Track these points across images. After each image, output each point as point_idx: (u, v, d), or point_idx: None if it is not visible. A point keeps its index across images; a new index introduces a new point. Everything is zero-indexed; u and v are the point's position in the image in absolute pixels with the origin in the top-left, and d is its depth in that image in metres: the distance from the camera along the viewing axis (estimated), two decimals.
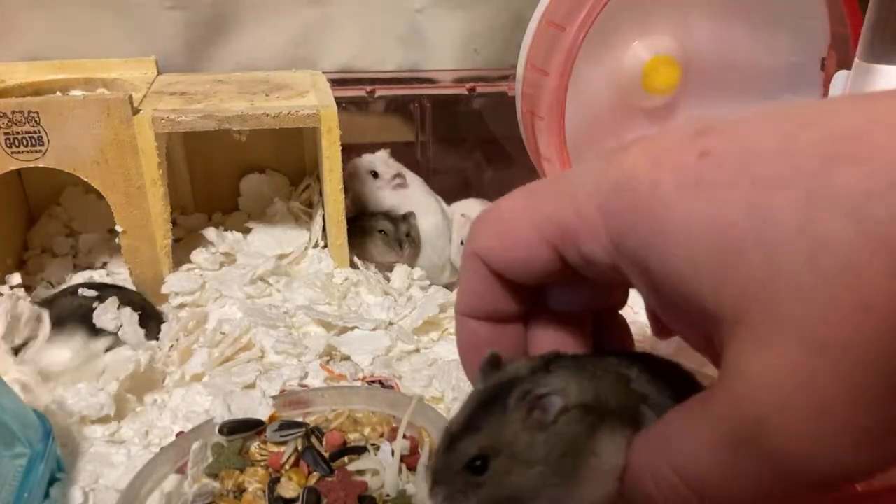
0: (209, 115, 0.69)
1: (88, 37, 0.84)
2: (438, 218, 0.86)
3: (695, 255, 0.25)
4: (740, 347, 0.24)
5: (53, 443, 0.50)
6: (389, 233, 0.81)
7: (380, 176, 0.86)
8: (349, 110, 0.90)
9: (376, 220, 0.83)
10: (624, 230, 0.27)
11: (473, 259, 0.34)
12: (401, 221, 0.83)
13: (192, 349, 0.64)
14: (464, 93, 0.92)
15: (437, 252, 0.85)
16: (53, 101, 0.67)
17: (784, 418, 0.23)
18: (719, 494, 0.26)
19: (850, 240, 0.21)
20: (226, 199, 0.90)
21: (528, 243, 0.31)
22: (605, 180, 0.29)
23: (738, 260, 0.23)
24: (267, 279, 0.74)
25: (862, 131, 0.22)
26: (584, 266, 0.31)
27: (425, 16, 0.90)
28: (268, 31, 0.88)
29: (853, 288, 0.21)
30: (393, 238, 0.81)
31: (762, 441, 0.23)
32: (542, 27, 0.75)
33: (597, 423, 0.31)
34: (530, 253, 0.32)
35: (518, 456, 0.31)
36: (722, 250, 0.24)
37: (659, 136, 0.28)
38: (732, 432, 0.24)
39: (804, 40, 0.78)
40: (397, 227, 0.82)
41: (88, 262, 0.80)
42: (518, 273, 0.33)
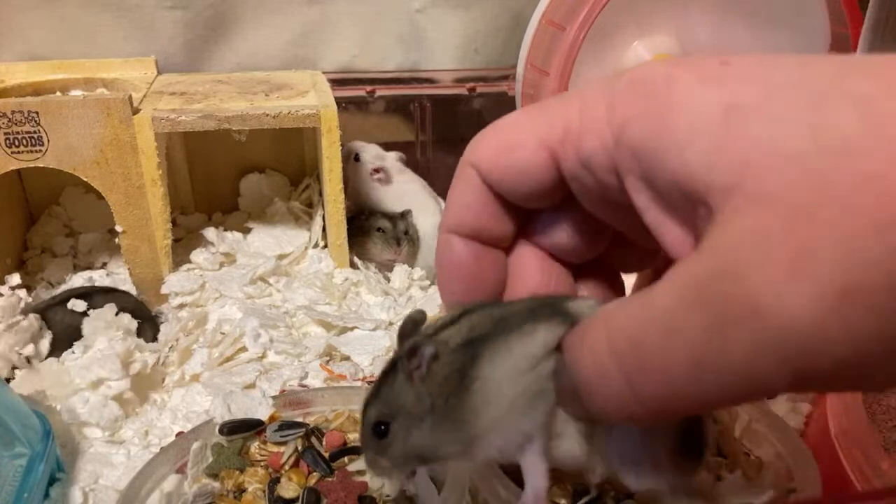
0: (209, 115, 0.69)
1: (88, 37, 0.84)
2: (437, 218, 0.86)
3: (696, 124, 0.25)
4: (727, 211, 0.23)
5: (53, 443, 0.50)
6: (388, 231, 0.81)
7: (361, 162, 0.86)
8: (349, 110, 0.90)
9: (375, 218, 0.83)
10: (629, 118, 0.27)
11: (468, 170, 0.33)
12: (399, 219, 0.83)
13: (191, 349, 0.64)
14: (464, 93, 0.92)
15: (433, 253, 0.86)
16: (53, 101, 0.67)
17: (765, 273, 0.22)
18: (659, 364, 0.24)
19: (852, 126, 0.22)
20: (226, 199, 0.90)
21: (526, 149, 0.31)
22: (619, 81, 0.28)
23: (741, 129, 0.24)
24: (267, 279, 0.74)
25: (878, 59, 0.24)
26: (579, 174, 0.30)
27: (425, 16, 0.90)
28: (268, 31, 0.88)
29: (847, 166, 0.22)
30: (391, 236, 0.81)
31: (736, 300, 0.22)
32: (542, 27, 0.75)
33: (478, 351, 0.31)
34: (527, 159, 0.31)
35: (410, 413, 0.32)
36: (725, 121, 0.24)
37: (679, 58, 0.28)
38: (702, 289, 0.23)
39: (804, 40, 0.78)
40: (395, 225, 0.82)
41: (88, 261, 0.81)
42: (512, 184, 0.32)
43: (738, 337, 0.22)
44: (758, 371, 0.22)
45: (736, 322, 0.22)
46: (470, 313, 0.33)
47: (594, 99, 0.29)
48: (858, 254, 0.21)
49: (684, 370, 0.24)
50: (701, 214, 0.25)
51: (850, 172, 0.21)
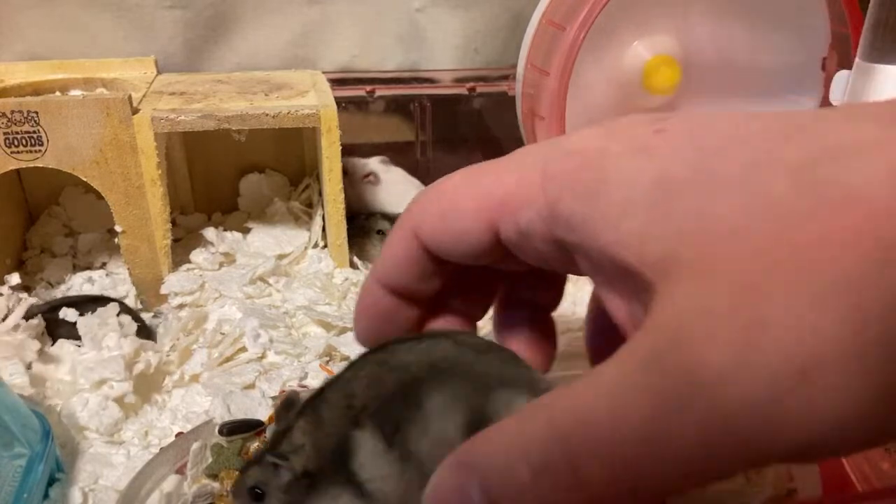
0: (209, 115, 0.69)
1: (88, 36, 0.84)
2: None
3: (628, 198, 0.24)
4: (667, 286, 0.22)
5: (52, 443, 0.50)
6: (387, 233, 0.81)
7: (349, 174, 0.86)
8: (349, 110, 0.90)
9: (374, 220, 0.83)
10: (562, 191, 0.27)
11: (405, 230, 0.34)
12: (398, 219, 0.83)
13: (191, 349, 0.64)
14: (464, 93, 0.92)
15: None
16: (53, 100, 0.67)
17: (714, 351, 0.20)
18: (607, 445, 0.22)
19: (785, 193, 0.22)
20: (225, 199, 0.89)
21: (465, 216, 0.31)
22: (554, 150, 0.29)
23: (673, 201, 0.23)
24: (267, 279, 0.74)
25: (813, 118, 0.24)
26: (518, 241, 0.30)
27: (425, 15, 0.90)
28: (268, 31, 0.88)
29: (785, 234, 0.21)
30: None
31: (684, 380, 0.21)
32: (543, 27, 0.75)
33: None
34: (466, 226, 0.31)
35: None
36: (656, 193, 0.24)
37: (617, 120, 0.29)
38: (648, 369, 0.22)
39: (804, 40, 0.78)
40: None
41: (88, 262, 0.80)
42: (450, 248, 0.32)
43: (689, 419, 0.21)
44: (713, 452, 0.21)
45: (686, 402, 0.21)
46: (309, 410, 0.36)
47: (530, 168, 0.29)
48: (809, 327, 0.20)
49: (634, 450, 0.22)
50: (640, 289, 0.24)
51: (788, 241, 0.21)
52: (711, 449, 0.21)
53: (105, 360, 0.59)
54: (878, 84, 0.61)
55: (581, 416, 0.23)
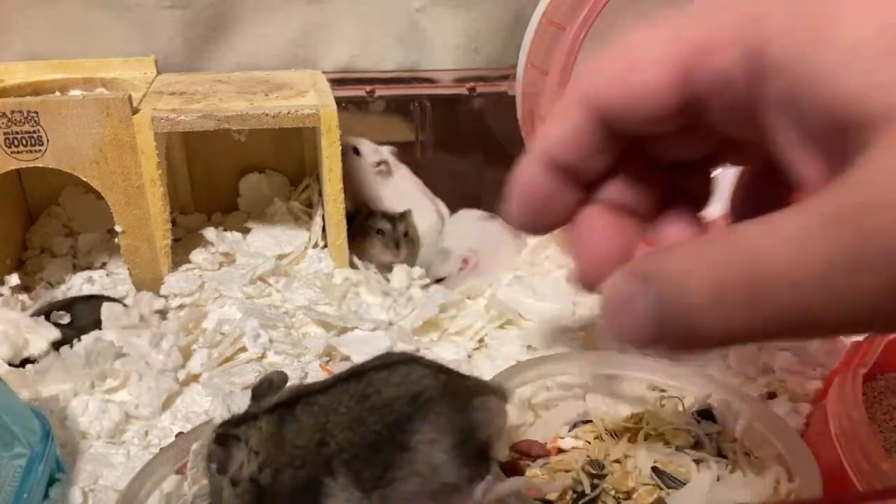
0: (209, 115, 0.69)
1: (88, 36, 0.84)
2: (433, 218, 0.87)
3: (862, 43, 0.22)
4: (886, 142, 0.21)
5: (53, 443, 0.50)
6: (387, 233, 0.82)
7: (362, 156, 0.86)
8: (349, 110, 0.90)
9: (374, 219, 0.83)
10: (779, 31, 0.25)
11: (576, 100, 0.31)
12: (398, 220, 0.83)
13: (191, 349, 0.64)
14: (464, 93, 0.92)
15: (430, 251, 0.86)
16: (53, 100, 0.67)
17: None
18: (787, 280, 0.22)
19: None
20: (225, 199, 0.90)
21: (651, 68, 0.28)
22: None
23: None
24: (266, 279, 0.74)
25: None
26: (708, 93, 0.28)
27: (425, 15, 0.90)
28: (267, 31, 0.88)
29: None
30: (391, 239, 0.81)
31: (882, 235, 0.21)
32: (543, 27, 0.75)
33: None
34: (651, 79, 0.28)
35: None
36: (892, 41, 0.22)
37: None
38: (844, 219, 0.21)
39: None
40: (395, 226, 0.82)
41: (88, 262, 0.80)
42: (630, 112, 0.29)
43: (875, 274, 0.21)
44: (885, 308, 0.21)
45: (876, 257, 0.21)
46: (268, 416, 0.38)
47: (733, 8, 0.26)
48: None
49: (811, 296, 0.22)
50: (851, 143, 0.23)
51: None
52: (885, 304, 0.21)
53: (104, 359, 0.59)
54: None
55: (762, 255, 0.23)
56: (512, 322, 0.71)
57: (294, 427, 0.37)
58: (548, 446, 0.52)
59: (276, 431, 0.37)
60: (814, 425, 0.56)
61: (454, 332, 0.70)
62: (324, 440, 0.37)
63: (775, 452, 0.49)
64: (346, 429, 0.37)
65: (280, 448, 0.37)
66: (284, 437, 0.37)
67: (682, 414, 0.53)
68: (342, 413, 0.37)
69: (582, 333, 0.69)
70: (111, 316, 0.65)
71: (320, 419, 0.37)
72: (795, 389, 0.64)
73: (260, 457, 0.37)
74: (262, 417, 0.38)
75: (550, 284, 0.76)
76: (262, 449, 0.37)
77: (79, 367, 0.60)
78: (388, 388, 0.37)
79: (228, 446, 0.37)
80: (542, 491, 0.46)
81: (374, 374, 0.38)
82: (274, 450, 0.37)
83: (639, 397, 0.57)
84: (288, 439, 0.37)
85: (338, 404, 0.37)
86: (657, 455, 0.49)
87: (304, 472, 0.36)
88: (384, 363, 0.39)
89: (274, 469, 0.37)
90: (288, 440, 0.37)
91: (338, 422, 0.37)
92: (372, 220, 0.83)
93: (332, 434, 0.37)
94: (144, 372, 0.60)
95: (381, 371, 0.38)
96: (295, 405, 0.38)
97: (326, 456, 0.36)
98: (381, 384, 0.37)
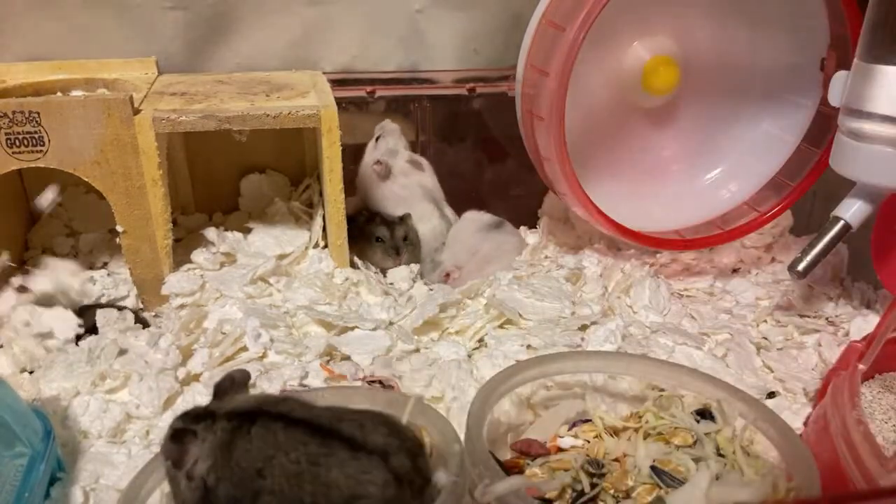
0: (209, 116, 0.69)
1: (89, 37, 0.84)
2: (433, 223, 0.86)
3: None
4: None
5: (54, 443, 0.50)
6: (386, 240, 0.82)
7: (376, 148, 0.87)
8: (349, 110, 0.90)
9: (374, 224, 0.83)
10: None
11: None
12: (398, 225, 0.83)
13: (192, 349, 0.64)
14: (464, 93, 0.92)
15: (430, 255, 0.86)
16: (54, 101, 0.67)
17: None
18: None
19: None
20: (226, 200, 0.90)
21: None
22: None
23: None
24: (267, 279, 0.74)
25: None
26: None
27: (425, 16, 0.90)
28: (268, 32, 0.88)
29: None
30: (390, 245, 0.82)
31: None
32: (542, 27, 0.75)
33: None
34: None
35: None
36: None
37: None
38: None
39: (804, 40, 0.78)
40: (394, 232, 0.82)
41: (89, 261, 0.81)
42: None
43: None
44: None
45: None
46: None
47: None
48: None
49: None
50: None
51: None
52: None
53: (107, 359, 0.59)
54: (876, 84, 0.61)
55: None
56: (512, 322, 0.71)
57: (244, 446, 0.39)
58: (547, 445, 0.52)
59: (228, 442, 0.39)
60: (813, 425, 0.56)
61: (454, 331, 0.70)
62: (263, 472, 0.38)
63: (774, 452, 0.49)
64: (285, 477, 0.38)
65: (226, 460, 0.39)
66: (233, 452, 0.39)
67: (681, 413, 0.53)
68: (290, 462, 0.38)
69: (582, 333, 0.69)
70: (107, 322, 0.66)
71: (269, 452, 0.38)
72: (795, 389, 0.64)
73: (209, 461, 0.39)
74: (220, 421, 0.40)
75: (550, 284, 0.76)
76: (212, 455, 0.39)
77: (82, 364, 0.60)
78: (338, 472, 0.38)
79: (185, 443, 0.39)
80: (541, 490, 0.46)
81: (340, 447, 0.38)
82: (221, 460, 0.39)
83: (638, 397, 0.57)
84: (235, 456, 0.39)
85: (291, 449, 0.38)
86: (656, 454, 0.49)
87: (237, 493, 0.38)
88: (361, 428, 0.40)
89: (217, 476, 0.39)
90: (235, 456, 0.39)
91: (282, 465, 0.38)
92: (372, 226, 0.83)
93: (272, 472, 0.38)
94: (145, 372, 0.60)
95: (348, 447, 0.39)
96: (254, 421, 0.39)
97: (258, 487, 0.38)
98: (336, 464, 0.38)
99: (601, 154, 0.84)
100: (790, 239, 0.90)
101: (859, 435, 0.47)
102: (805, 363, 0.68)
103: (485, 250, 0.83)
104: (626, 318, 0.72)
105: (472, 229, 0.86)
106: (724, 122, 0.86)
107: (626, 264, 0.81)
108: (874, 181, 0.64)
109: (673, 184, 0.87)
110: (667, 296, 0.77)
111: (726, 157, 0.87)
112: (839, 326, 0.74)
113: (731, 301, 0.80)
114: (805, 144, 0.81)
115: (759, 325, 0.74)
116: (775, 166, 0.83)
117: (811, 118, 0.81)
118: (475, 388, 0.56)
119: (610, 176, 0.84)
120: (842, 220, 0.67)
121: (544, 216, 0.92)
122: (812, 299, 0.78)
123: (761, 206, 0.83)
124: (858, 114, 0.62)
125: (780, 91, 0.82)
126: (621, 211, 0.78)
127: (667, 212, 0.85)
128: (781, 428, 0.49)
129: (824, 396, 0.55)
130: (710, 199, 0.86)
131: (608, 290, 0.78)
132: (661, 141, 0.87)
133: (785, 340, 0.72)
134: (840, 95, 0.65)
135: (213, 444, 0.39)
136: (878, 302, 0.77)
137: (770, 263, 0.87)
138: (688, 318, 0.75)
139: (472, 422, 0.48)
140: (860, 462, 0.46)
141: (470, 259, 0.83)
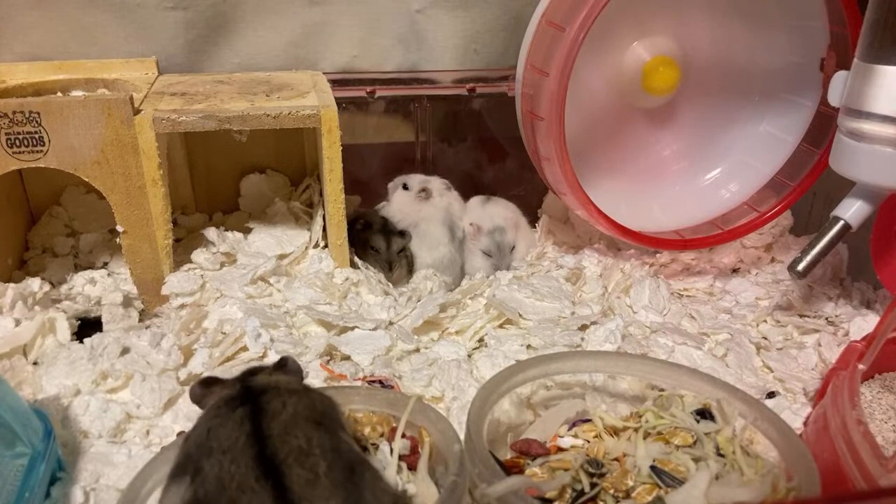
0: (210, 116, 0.69)
1: (89, 37, 0.84)
2: (441, 253, 0.86)
3: None
4: None
5: (54, 442, 0.50)
6: (381, 252, 0.81)
7: (409, 188, 0.87)
8: (349, 110, 0.90)
9: (371, 233, 0.83)
10: None
11: None
12: (395, 237, 0.83)
13: (192, 349, 0.64)
14: (464, 93, 0.92)
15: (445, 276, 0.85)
16: (54, 101, 0.67)
17: None
18: None
19: None
20: (226, 200, 0.90)
21: None
22: None
23: None
24: (267, 279, 0.74)
25: None
26: None
27: (425, 16, 0.90)
28: (268, 32, 0.88)
29: None
30: (384, 259, 0.81)
31: None
32: (542, 27, 0.75)
33: None
34: None
35: None
36: None
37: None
38: None
39: (803, 40, 0.78)
40: (389, 245, 0.82)
41: (89, 261, 0.81)
42: None
43: None
44: None
45: None
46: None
47: None
48: None
49: None
50: None
51: None
52: None
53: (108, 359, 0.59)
54: (876, 84, 0.61)
55: None
56: (512, 322, 0.71)
57: (221, 423, 0.40)
58: (547, 445, 0.52)
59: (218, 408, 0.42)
60: (812, 425, 0.56)
61: (454, 331, 0.70)
62: (211, 457, 0.38)
63: (774, 452, 0.49)
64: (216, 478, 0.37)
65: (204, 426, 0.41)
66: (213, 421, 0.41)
67: (681, 413, 0.53)
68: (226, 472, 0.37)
69: (582, 333, 0.69)
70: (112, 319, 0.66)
71: (224, 445, 0.38)
72: (794, 389, 0.65)
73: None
74: (235, 385, 0.44)
75: (550, 284, 0.76)
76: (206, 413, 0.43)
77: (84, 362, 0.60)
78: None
79: (211, 389, 0.44)
80: (541, 489, 0.46)
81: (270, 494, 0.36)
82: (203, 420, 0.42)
83: (638, 397, 0.57)
84: (212, 426, 0.40)
85: (238, 460, 0.37)
86: (656, 454, 0.49)
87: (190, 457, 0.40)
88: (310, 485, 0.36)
89: (188, 435, 0.42)
90: (212, 426, 0.40)
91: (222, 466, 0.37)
92: (368, 234, 0.83)
93: (212, 466, 0.37)
94: (147, 372, 0.60)
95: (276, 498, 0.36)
96: (245, 404, 0.41)
97: (201, 467, 0.38)
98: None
99: (601, 154, 0.84)
100: (790, 239, 0.90)
101: (859, 435, 0.47)
102: (805, 363, 0.68)
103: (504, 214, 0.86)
104: (626, 317, 0.73)
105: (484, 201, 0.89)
106: (724, 122, 0.86)
107: (626, 264, 0.81)
108: (874, 181, 0.64)
109: (673, 184, 0.87)
110: (667, 296, 0.77)
111: (726, 157, 0.87)
112: (839, 326, 0.74)
113: (730, 301, 0.80)
114: (805, 144, 0.82)
115: (758, 325, 0.74)
116: (775, 166, 0.83)
117: (811, 118, 0.81)
118: (475, 388, 0.56)
119: (610, 176, 0.84)
120: (842, 220, 0.67)
121: (544, 216, 0.92)
122: (812, 299, 0.78)
123: (761, 206, 0.83)
124: (858, 114, 0.62)
125: (780, 91, 0.83)
126: (621, 211, 0.78)
127: (667, 212, 0.85)
128: (781, 428, 0.49)
129: (824, 396, 0.55)
130: (709, 199, 0.86)
131: (608, 290, 0.78)
132: (661, 141, 0.87)
133: (785, 340, 0.72)
134: (840, 95, 0.65)
135: (215, 404, 0.42)
136: (877, 302, 0.78)
137: (770, 263, 0.87)
138: (687, 318, 0.75)
139: (472, 422, 0.48)
140: (860, 462, 0.46)
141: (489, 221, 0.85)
